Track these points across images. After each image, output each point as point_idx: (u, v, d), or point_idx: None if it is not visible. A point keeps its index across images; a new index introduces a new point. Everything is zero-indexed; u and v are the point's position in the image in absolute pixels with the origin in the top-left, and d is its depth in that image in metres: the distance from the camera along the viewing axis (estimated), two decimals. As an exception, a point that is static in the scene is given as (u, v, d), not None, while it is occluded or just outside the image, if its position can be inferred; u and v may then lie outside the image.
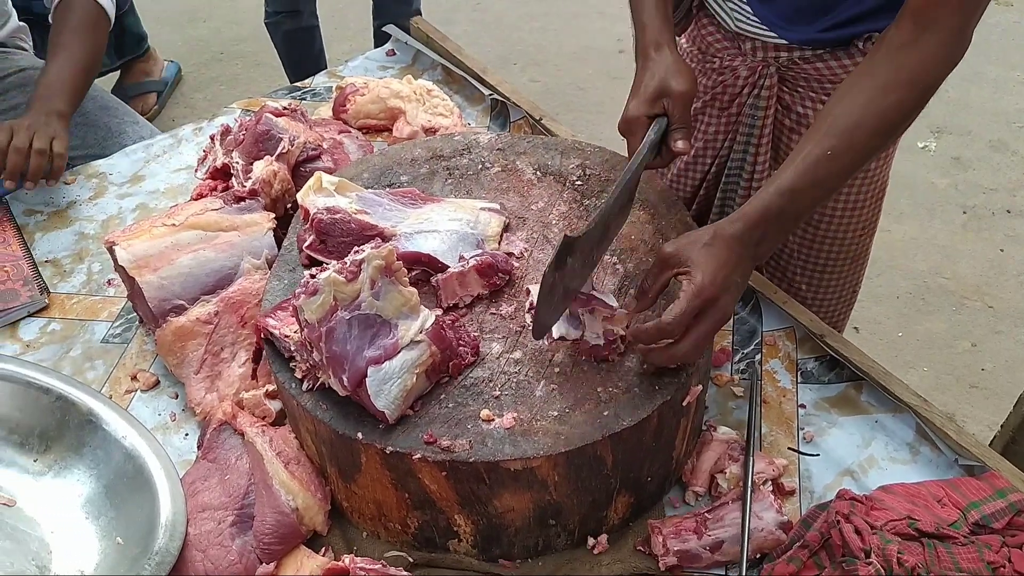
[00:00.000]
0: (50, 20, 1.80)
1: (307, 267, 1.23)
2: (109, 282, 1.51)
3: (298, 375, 1.09)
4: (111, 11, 1.84)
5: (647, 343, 1.04)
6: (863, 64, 1.11)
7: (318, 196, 1.26)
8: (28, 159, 1.58)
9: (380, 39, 2.64)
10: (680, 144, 1.17)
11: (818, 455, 1.22)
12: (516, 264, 1.23)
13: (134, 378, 1.35)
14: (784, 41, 1.35)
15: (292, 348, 1.08)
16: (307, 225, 1.25)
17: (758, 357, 1.34)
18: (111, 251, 1.34)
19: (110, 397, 1.30)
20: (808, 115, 1.41)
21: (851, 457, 1.22)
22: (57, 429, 1.22)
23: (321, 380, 1.06)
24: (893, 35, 1.10)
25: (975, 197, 3.13)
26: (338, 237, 1.22)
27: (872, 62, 1.10)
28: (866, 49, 1.30)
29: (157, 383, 1.34)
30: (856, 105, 1.08)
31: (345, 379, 1.01)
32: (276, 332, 1.11)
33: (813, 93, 1.39)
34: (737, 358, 1.34)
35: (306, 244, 1.24)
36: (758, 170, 1.48)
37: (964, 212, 3.08)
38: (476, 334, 1.14)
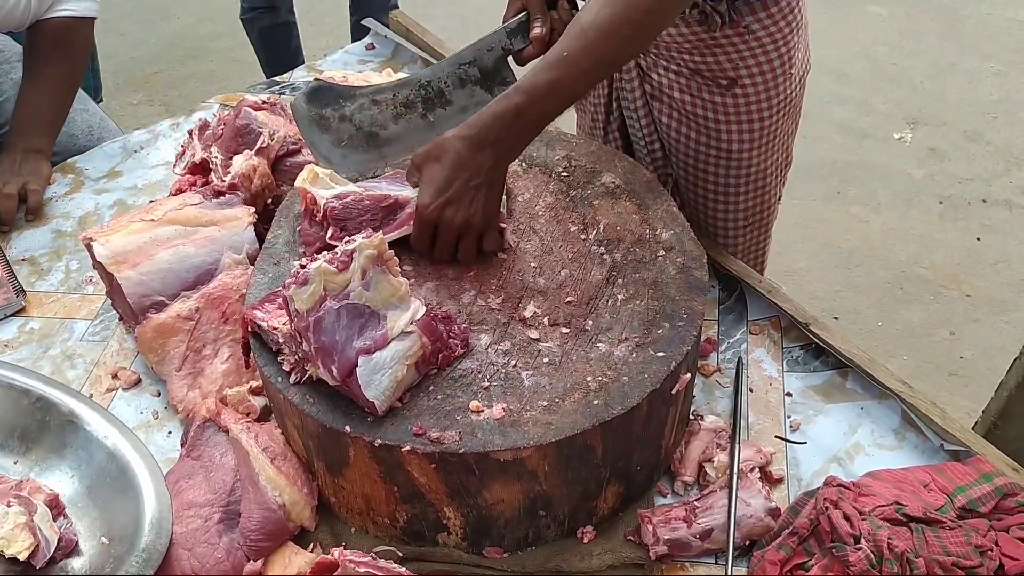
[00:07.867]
0: (22, 44, 1.77)
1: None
2: (89, 279, 1.49)
3: (286, 368, 1.08)
4: (89, 13, 1.78)
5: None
6: None
7: (318, 188, 1.24)
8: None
9: (358, 34, 2.62)
10: (536, 30, 1.27)
11: (805, 443, 1.23)
12: (503, 257, 1.22)
13: (115, 376, 1.33)
14: None
15: (280, 341, 1.07)
16: (316, 217, 1.22)
17: (744, 346, 1.34)
18: (89, 247, 1.32)
19: (91, 396, 1.28)
20: (663, 83, 1.48)
21: (838, 444, 1.22)
22: (38, 430, 1.20)
23: (309, 373, 1.05)
24: None
25: (951, 187, 3.17)
26: (356, 219, 1.20)
27: None
28: (707, 11, 1.35)
29: (138, 381, 1.33)
30: (592, 11, 1.13)
31: (335, 369, 1.00)
32: (264, 324, 1.09)
33: (664, 62, 1.46)
34: (723, 347, 1.35)
35: (327, 236, 1.21)
36: (647, 137, 1.57)
37: (940, 202, 3.11)
38: (465, 325, 1.13)
